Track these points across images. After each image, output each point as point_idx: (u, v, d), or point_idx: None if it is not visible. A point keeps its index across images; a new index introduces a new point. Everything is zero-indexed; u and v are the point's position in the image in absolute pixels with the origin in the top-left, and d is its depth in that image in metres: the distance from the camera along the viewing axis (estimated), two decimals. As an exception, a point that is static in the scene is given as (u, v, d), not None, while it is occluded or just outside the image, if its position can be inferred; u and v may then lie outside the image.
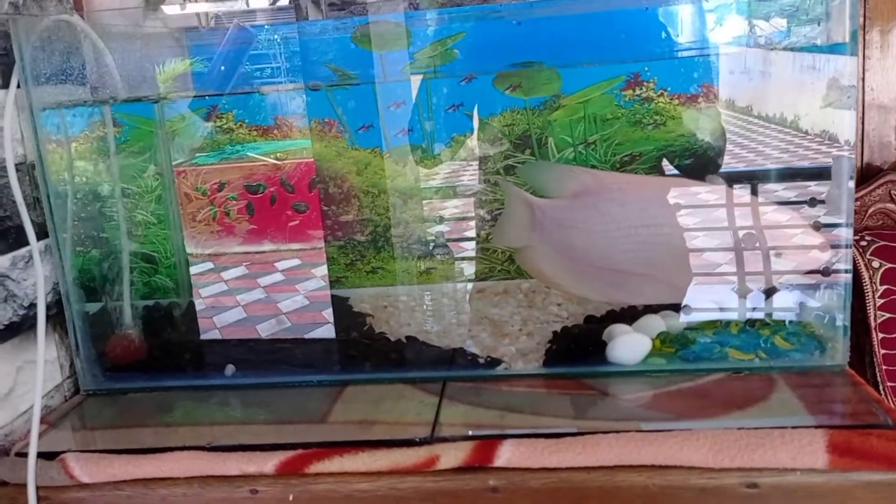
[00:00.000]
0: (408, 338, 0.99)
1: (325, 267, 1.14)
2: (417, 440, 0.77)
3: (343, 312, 1.13)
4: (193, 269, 1.14)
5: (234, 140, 1.12)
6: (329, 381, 0.94)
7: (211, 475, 0.78)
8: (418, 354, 0.96)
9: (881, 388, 1.72)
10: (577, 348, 0.94)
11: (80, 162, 1.06)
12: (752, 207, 0.99)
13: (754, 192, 1.00)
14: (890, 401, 1.61)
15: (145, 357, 1.00)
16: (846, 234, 0.88)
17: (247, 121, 1.14)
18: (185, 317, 1.15)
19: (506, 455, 0.75)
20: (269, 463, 0.77)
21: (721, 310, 0.96)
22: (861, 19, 1.81)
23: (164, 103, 1.14)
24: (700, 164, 1.05)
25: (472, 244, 1.17)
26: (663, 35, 1.10)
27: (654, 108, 1.09)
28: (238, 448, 0.79)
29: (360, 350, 0.99)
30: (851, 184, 0.85)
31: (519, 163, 1.15)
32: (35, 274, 0.88)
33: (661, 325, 0.93)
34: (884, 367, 1.73)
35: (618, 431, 0.76)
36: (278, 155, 1.10)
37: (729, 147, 1.04)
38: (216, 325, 1.09)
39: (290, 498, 0.76)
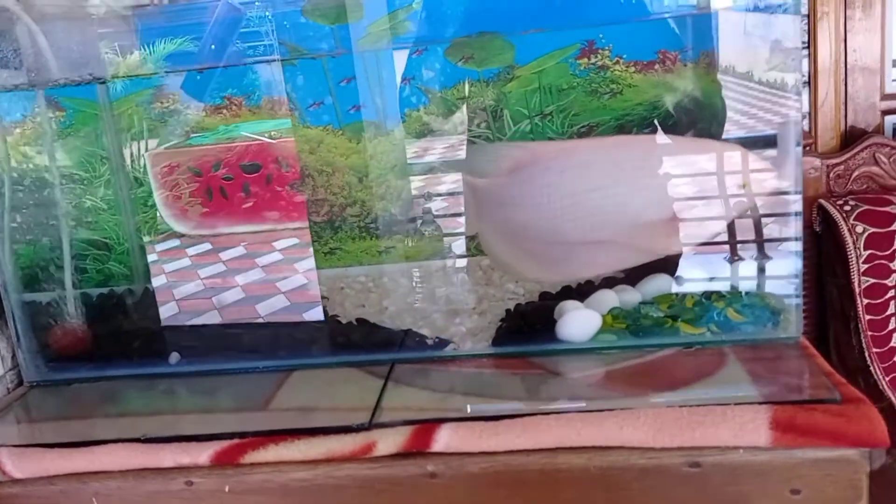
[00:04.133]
0: (359, 320, 0.97)
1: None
2: (354, 426, 0.76)
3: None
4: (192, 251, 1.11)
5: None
6: (276, 366, 0.92)
7: (145, 468, 0.76)
8: (368, 337, 0.94)
9: (867, 353, 1.70)
10: (528, 326, 0.92)
11: (23, 148, 1.04)
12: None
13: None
14: (876, 367, 1.59)
15: (90, 347, 0.98)
16: (794, 201, 0.85)
17: (195, 100, 1.11)
18: (139, 304, 1.13)
19: (444, 439, 0.73)
20: (203, 454, 0.75)
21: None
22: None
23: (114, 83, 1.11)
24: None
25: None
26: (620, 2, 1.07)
27: (611, 77, 1.06)
28: (173, 439, 0.77)
29: (310, 334, 0.97)
30: (799, 150, 0.83)
31: (475, 136, 1.12)
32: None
33: (614, 300, 0.91)
34: (869, 334, 1.70)
35: (559, 412, 0.74)
36: (272, 133, 1.06)
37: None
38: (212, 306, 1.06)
39: (226, 489, 0.75)
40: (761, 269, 0.95)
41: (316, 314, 1.04)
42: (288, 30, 1.13)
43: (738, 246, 0.97)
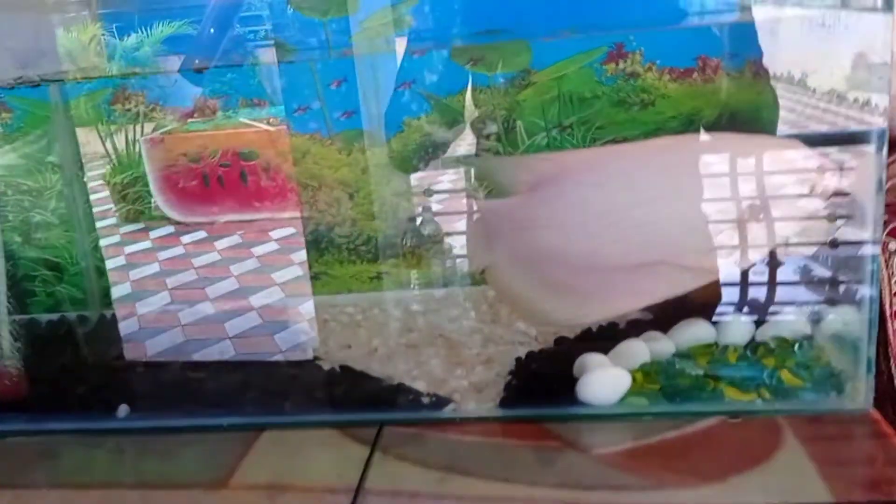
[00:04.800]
0: (342, 368, 0.83)
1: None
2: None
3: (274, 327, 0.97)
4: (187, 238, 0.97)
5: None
6: (244, 424, 0.78)
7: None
8: (352, 390, 0.80)
9: (896, 381, 1.55)
10: (542, 383, 0.77)
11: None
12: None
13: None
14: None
15: (27, 392, 0.84)
16: (872, 250, 0.71)
17: (161, 103, 0.97)
18: (92, 334, 0.99)
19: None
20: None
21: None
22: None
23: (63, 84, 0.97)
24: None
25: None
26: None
27: (642, 86, 0.92)
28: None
29: (285, 383, 0.83)
30: (881, 195, 0.68)
31: (483, 150, 0.98)
32: None
33: (644, 352, 0.76)
34: (900, 359, 1.56)
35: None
36: (271, 120, 0.95)
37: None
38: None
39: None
40: (818, 320, 0.80)
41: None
42: (273, 23, 0.98)
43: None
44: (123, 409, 0.80)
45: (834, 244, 0.81)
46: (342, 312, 0.98)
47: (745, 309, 0.84)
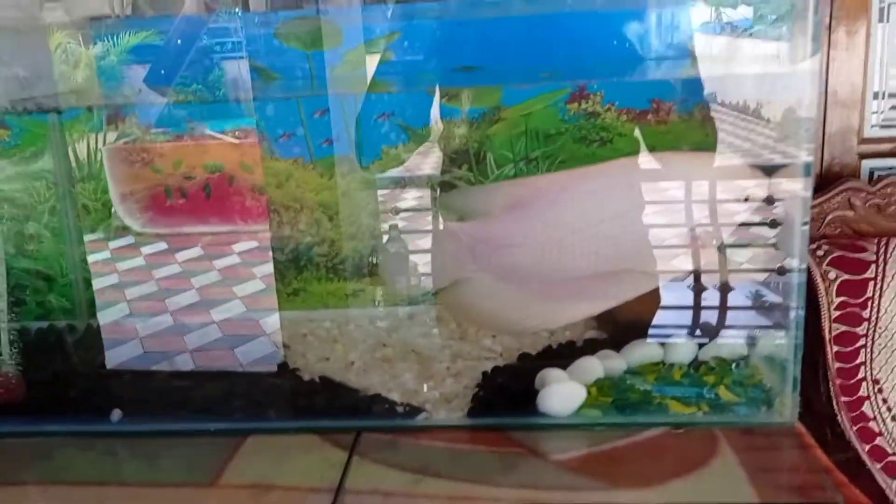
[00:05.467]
0: (322, 378, 0.89)
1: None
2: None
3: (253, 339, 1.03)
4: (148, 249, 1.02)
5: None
6: (230, 429, 0.84)
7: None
8: (332, 400, 0.87)
9: (835, 402, 1.66)
10: (506, 395, 0.85)
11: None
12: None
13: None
14: (843, 416, 1.55)
15: (24, 395, 0.89)
16: (798, 279, 0.80)
17: (153, 127, 1.03)
18: (80, 342, 1.04)
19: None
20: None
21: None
22: (827, 19, 1.73)
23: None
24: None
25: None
26: (614, 43, 1.01)
27: (601, 124, 1.00)
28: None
29: (269, 392, 0.89)
30: (806, 229, 0.77)
31: (456, 178, 1.05)
32: None
33: (599, 369, 0.85)
34: (838, 381, 1.67)
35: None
36: (237, 133, 1.00)
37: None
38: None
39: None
40: (753, 342, 0.89)
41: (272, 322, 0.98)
42: (260, 53, 1.05)
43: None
44: (116, 414, 0.86)
45: (782, 271, 0.90)
46: (320, 327, 1.04)
47: (691, 330, 0.93)
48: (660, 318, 0.94)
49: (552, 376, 0.83)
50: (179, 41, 1.05)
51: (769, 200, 0.85)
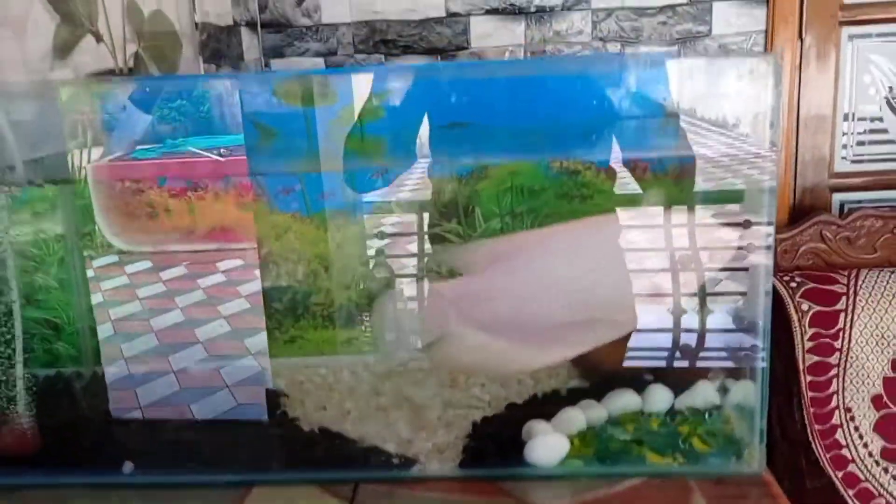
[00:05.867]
0: (321, 430, 0.95)
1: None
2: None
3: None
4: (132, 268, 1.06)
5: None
6: (236, 481, 0.89)
7: None
8: (331, 451, 0.92)
9: (809, 429, 1.73)
10: (495, 446, 0.91)
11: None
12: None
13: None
14: (817, 444, 1.63)
15: (38, 446, 0.94)
16: (761, 352, 0.86)
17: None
18: (87, 389, 1.09)
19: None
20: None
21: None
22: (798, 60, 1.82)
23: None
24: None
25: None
26: (593, 104, 1.08)
27: (582, 181, 1.07)
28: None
29: (272, 443, 0.95)
30: (769, 299, 0.84)
31: (446, 231, 1.11)
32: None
33: (582, 420, 0.91)
34: (812, 410, 1.74)
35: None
36: (222, 151, 1.04)
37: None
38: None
39: None
40: (725, 390, 0.96)
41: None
42: (259, 109, 1.10)
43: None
44: (128, 466, 0.90)
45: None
46: (316, 374, 1.10)
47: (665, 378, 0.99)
48: (637, 365, 1.01)
49: (538, 428, 0.89)
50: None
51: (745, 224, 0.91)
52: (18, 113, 0.95)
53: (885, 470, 1.69)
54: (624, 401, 0.94)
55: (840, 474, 1.70)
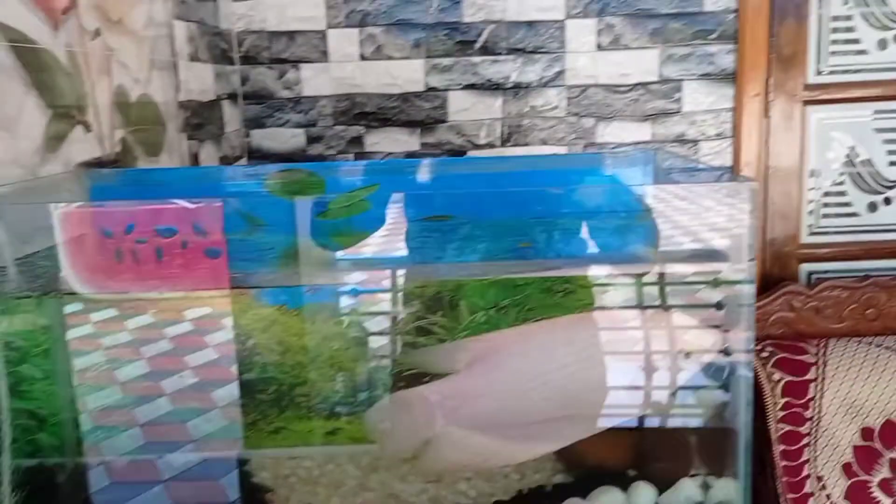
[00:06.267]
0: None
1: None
2: None
3: (241, 482, 1.08)
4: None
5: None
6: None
7: None
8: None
9: (781, 498, 1.76)
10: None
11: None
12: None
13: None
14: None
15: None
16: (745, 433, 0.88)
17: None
18: (70, 481, 1.08)
19: None
20: None
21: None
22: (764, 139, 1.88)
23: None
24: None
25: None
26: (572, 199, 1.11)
27: (564, 278, 1.09)
28: None
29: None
30: (750, 408, 0.86)
31: (431, 324, 1.13)
32: None
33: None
34: (784, 479, 1.77)
35: None
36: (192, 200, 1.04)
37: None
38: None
39: None
40: (707, 487, 0.98)
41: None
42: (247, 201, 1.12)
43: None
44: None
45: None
46: (300, 466, 1.10)
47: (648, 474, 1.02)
48: (618, 461, 1.03)
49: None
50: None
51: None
52: (10, 212, 0.96)
53: (858, 538, 1.72)
54: (609, 499, 0.96)
55: (814, 543, 1.73)
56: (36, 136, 1.08)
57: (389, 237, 1.12)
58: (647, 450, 1.04)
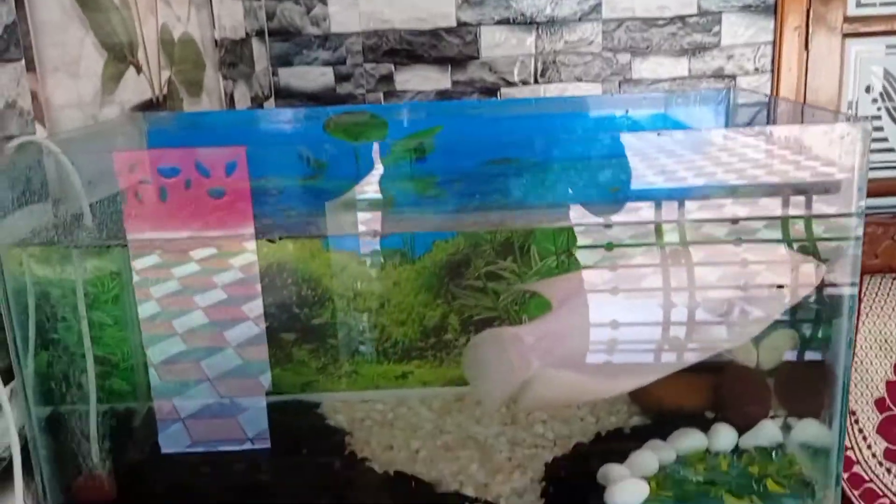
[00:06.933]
0: (397, 473, 0.96)
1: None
2: None
3: (316, 425, 1.09)
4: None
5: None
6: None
7: None
8: (412, 497, 0.93)
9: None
10: (573, 489, 0.93)
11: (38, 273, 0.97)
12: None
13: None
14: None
15: (114, 495, 0.93)
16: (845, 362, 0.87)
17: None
18: (144, 425, 1.08)
19: None
20: None
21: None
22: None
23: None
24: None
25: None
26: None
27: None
28: None
29: (351, 486, 0.96)
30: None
31: (500, 270, 1.13)
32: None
33: (655, 463, 0.93)
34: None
35: None
36: None
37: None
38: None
39: None
40: (788, 428, 0.99)
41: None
42: (311, 145, 1.10)
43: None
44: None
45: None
46: (373, 410, 1.11)
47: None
48: (702, 403, 1.04)
49: (615, 473, 0.91)
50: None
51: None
52: (81, 158, 0.93)
53: (889, 470, 1.75)
54: (691, 441, 0.96)
55: (846, 475, 1.75)
56: (95, 79, 1.05)
57: (453, 181, 1.09)
58: (725, 392, 1.04)
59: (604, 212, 0.96)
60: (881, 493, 1.74)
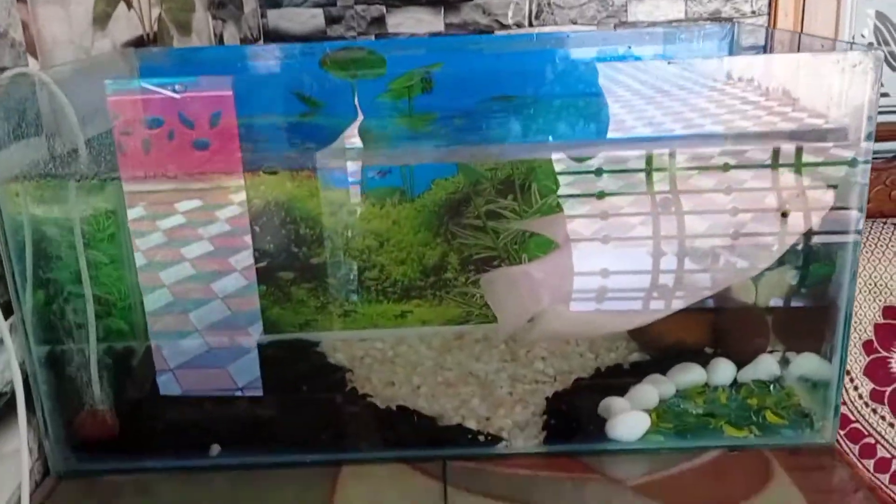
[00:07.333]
0: (399, 407, 0.96)
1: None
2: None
3: (317, 363, 1.09)
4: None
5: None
6: (323, 461, 0.90)
7: None
8: (414, 430, 0.94)
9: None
10: (574, 422, 0.94)
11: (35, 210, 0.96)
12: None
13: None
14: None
15: (117, 432, 0.93)
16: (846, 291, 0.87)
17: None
18: (143, 364, 1.08)
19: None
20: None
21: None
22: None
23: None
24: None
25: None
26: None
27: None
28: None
29: (352, 421, 0.96)
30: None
31: (500, 208, 1.12)
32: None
33: (655, 397, 0.94)
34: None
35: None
36: (177, 87, 1.01)
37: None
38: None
39: None
40: (787, 362, 1.00)
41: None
42: (306, 82, 1.08)
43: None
44: (215, 449, 0.91)
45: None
46: (373, 348, 1.11)
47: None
48: (702, 339, 1.04)
49: (617, 406, 0.92)
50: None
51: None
52: (75, 93, 0.91)
53: (874, 411, 1.78)
54: (691, 375, 0.97)
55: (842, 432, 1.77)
56: (87, 14, 1.03)
57: (453, 117, 1.08)
58: (724, 328, 1.05)
59: (612, 146, 0.95)
60: (867, 433, 1.77)
